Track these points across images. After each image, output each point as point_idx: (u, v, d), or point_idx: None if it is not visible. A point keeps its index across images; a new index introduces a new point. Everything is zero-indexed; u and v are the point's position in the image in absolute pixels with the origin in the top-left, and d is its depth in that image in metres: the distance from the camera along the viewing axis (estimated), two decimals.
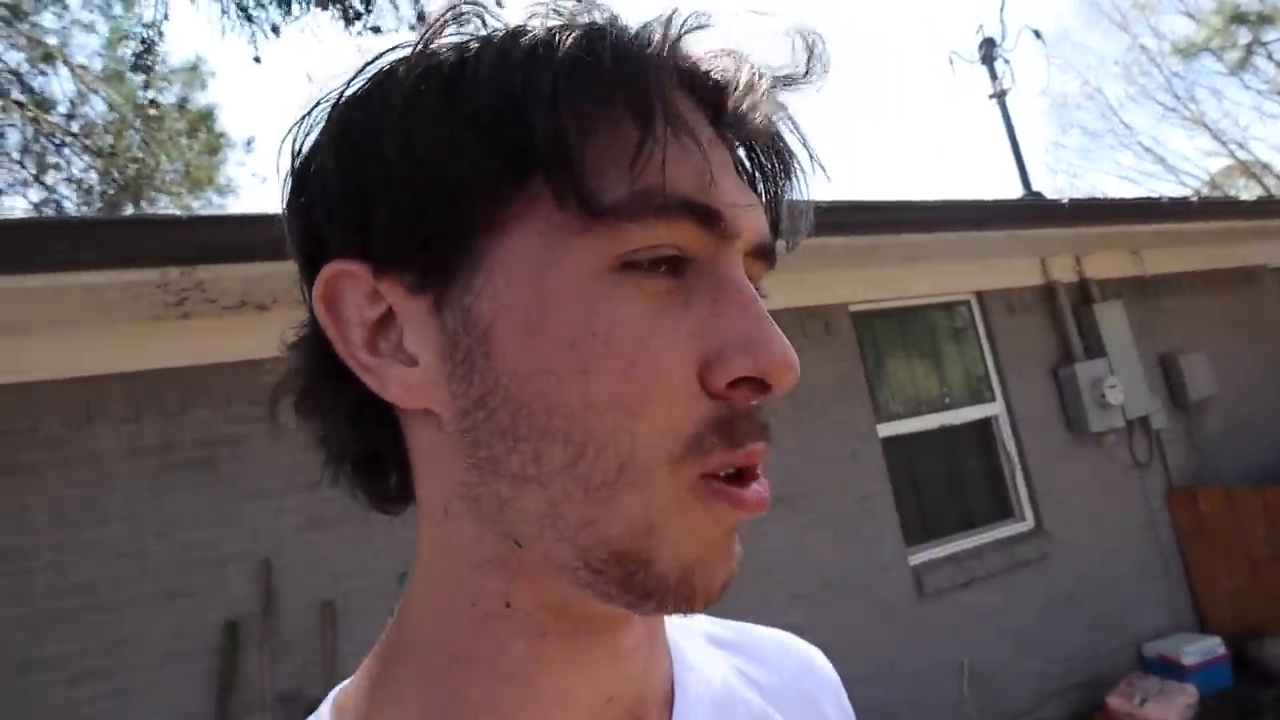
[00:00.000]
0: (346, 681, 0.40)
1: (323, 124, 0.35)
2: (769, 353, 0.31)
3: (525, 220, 0.31)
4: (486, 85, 0.31)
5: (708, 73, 0.34)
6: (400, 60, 0.33)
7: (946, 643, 3.41)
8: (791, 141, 0.37)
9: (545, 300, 0.30)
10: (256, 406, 2.55)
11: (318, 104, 0.35)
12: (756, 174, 0.38)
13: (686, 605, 0.32)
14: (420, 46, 0.33)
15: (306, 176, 0.35)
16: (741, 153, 0.37)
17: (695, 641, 0.45)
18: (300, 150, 0.36)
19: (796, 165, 0.38)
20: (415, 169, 0.31)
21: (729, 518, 0.32)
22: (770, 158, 0.37)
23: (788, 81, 0.35)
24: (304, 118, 0.36)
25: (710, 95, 0.34)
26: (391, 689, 0.36)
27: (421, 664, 0.35)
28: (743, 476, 0.32)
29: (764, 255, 0.35)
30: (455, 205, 0.31)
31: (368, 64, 0.35)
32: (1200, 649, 3.64)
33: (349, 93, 0.34)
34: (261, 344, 2.58)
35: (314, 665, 2.44)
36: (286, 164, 0.36)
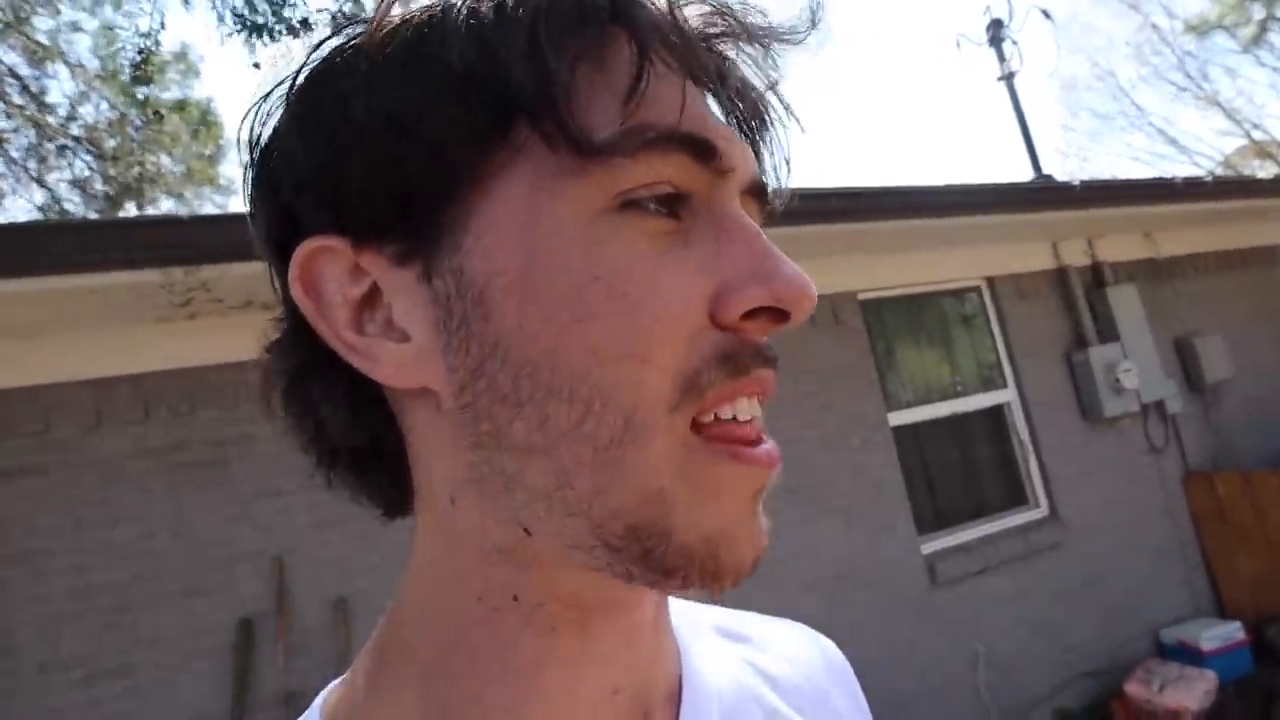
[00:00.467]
0: (336, 683, 0.38)
1: (282, 107, 0.33)
2: (783, 279, 0.30)
3: (512, 170, 0.30)
4: (460, 31, 0.29)
5: (682, 19, 0.33)
6: (362, 31, 0.32)
7: (961, 631, 3.39)
8: (767, 93, 0.36)
9: (542, 249, 0.29)
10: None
11: (273, 89, 0.34)
12: (733, 121, 0.37)
13: (714, 581, 0.30)
14: (382, 13, 0.31)
15: (270, 159, 0.34)
16: (713, 102, 0.36)
17: (703, 632, 0.43)
18: (259, 138, 0.34)
19: (773, 115, 0.37)
20: (388, 126, 0.30)
21: (741, 480, 0.30)
22: (747, 106, 0.36)
23: (766, 33, 0.34)
24: (260, 103, 0.34)
25: (686, 42, 0.32)
26: (390, 690, 0.35)
27: (422, 663, 0.34)
28: (752, 442, 0.31)
29: (758, 195, 0.35)
30: (435, 160, 0.29)
31: (323, 41, 0.33)
32: (1219, 634, 3.60)
33: (307, 71, 0.33)
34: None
35: (328, 662, 2.45)
36: (246, 155, 0.34)
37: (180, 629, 2.36)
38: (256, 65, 3.95)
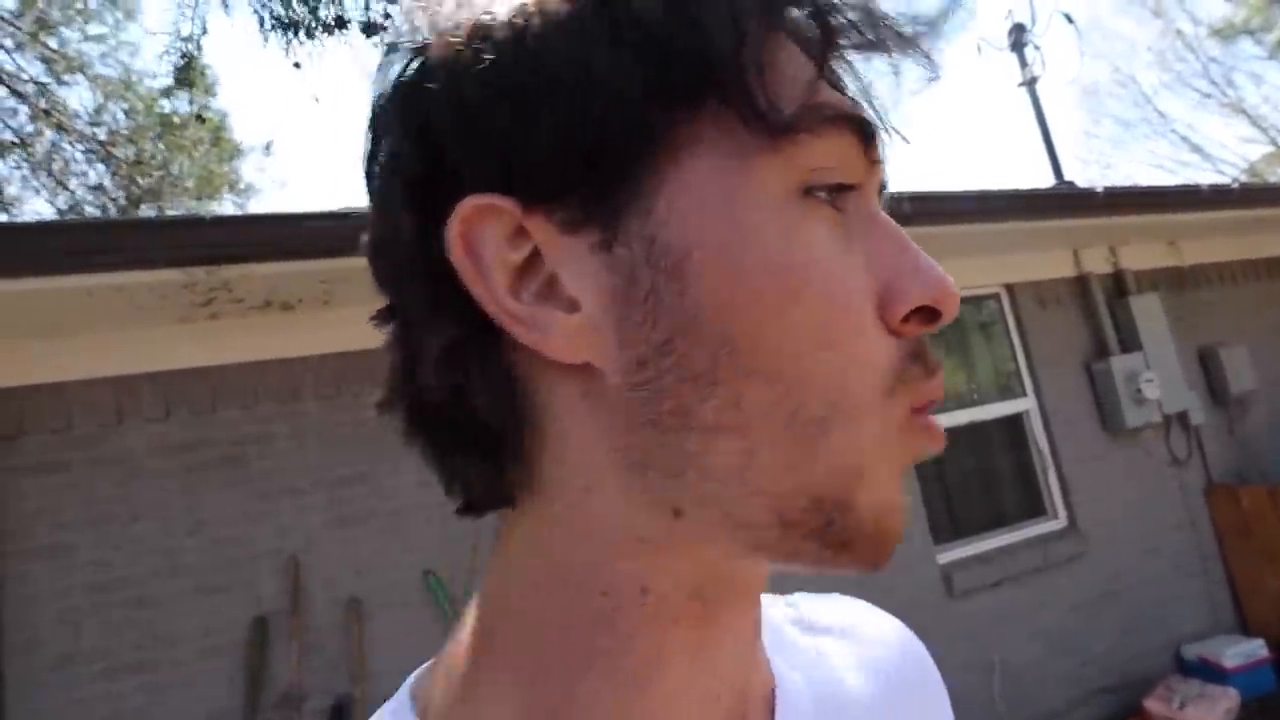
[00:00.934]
0: (424, 669, 0.36)
1: (429, 47, 0.30)
2: (937, 278, 0.30)
3: (700, 141, 0.29)
4: None
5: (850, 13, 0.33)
6: None
7: (977, 643, 3.35)
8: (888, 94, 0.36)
9: (743, 225, 0.28)
10: (284, 405, 2.58)
11: (416, 25, 0.31)
12: None
13: (876, 554, 0.30)
14: None
15: (425, 100, 0.30)
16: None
17: (787, 629, 0.42)
18: (399, 77, 0.31)
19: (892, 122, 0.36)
20: (585, 82, 0.28)
21: (920, 454, 0.31)
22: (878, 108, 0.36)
23: (916, 39, 0.33)
24: (402, 41, 0.32)
25: (855, 33, 0.32)
26: (489, 687, 0.33)
27: (530, 661, 0.32)
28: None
29: (882, 194, 0.35)
30: (634, 120, 0.28)
31: None
32: (1242, 651, 3.53)
33: (476, 17, 0.30)
34: (288, 343, 2.61)
35: (339, 661, 2.46)
36: (386, 90, 0.32)
37: (197, 626, 2.38)
38: (297, 65, 3.98)
